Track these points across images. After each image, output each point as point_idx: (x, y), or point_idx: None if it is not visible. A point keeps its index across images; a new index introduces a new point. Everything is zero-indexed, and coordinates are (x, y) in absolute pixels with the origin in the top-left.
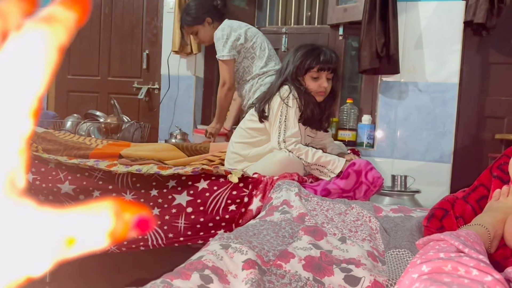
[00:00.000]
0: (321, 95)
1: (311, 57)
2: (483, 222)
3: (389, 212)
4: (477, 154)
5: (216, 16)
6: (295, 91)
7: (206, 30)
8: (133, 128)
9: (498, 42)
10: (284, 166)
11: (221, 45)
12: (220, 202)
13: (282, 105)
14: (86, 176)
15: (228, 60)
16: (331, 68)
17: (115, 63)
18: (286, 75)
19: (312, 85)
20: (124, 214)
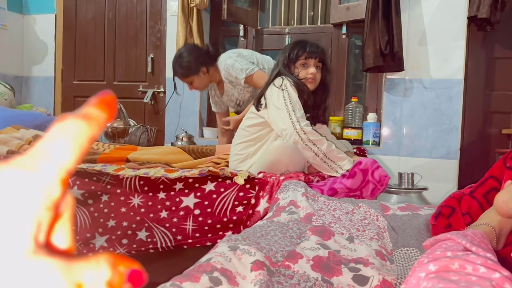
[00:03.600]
0: (311, 82)
1: (298, 46)
2: (489, 220)
3: (397, 210)
4: (484, 149)
5: (210, 63)
6: (289, 78)
7: (201, 79)
8: (139, 132)
9: (503, 36)
10: (281, 152)
11: (240, 64)
12: (227, 203)
13: (282, 92)
14: (94, 180)
15: (257, 70)
16: (317, 56)
17: (120, 68)
18: (279, 68)
19: (302, 72)
20: (119, 266)
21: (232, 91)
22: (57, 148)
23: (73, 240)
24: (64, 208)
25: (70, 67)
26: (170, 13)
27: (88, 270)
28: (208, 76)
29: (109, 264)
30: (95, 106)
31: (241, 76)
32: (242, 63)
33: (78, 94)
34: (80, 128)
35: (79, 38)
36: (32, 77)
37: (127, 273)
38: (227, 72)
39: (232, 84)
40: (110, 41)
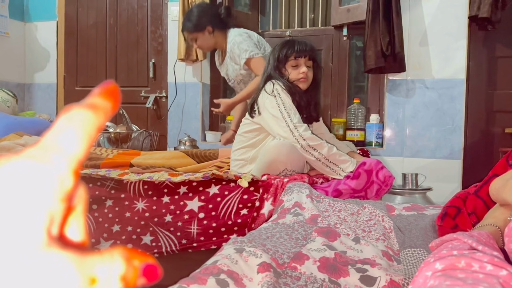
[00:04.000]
0: (303, 82)
1: (287, 46)
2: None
3: (402, 210)
4: (487, 149)
5: (218, 25)
6: (280, 82)
7: (205, 38)
8: (142, 137)
9: (504, 35)
10: (278, 150)
11: (246, 45)
12: (231, 206)
13: (275, 98)
14: (99, 185)
15: (260, 56)
16: (307, 55)
17: (122, 73)
18: (269, 71)
19: (293, 73)
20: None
21: (228, 65)
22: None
23: (87, 233)
24: (77, 201)
25: (72, 74)
26: (171, 18)
27: (102, 264)
28: (213, 38)
29: (124, 258)
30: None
31: (243, 56)
32: (249, 44)
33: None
34: (87, 117)
35: (80, 44)
36: (35, 84)
37: (142, 267)
38: (232, 48)
39: (232, 60)
40: (111, 46)
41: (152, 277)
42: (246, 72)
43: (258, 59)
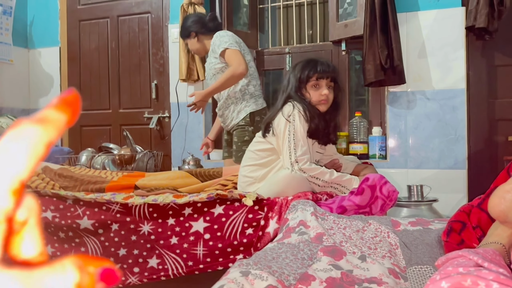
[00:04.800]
0: (323, 103)
1: (309, 67)
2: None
3: (407, 225)
4: (491, 157)
5: (203, 30)
6: (300, 105)
7: (192, 43)
8: (146, 158)
9: (502, 44)
10: (287, 183)
11: (227, 38)
12: (237, 226)
13: (289, 124)
14: (104, 210)
15: (237, 49)
16: (329, 76)
17: (125, 95)
18: (289, 91)
19: (314, 94)
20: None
21: (208, 61)
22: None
23: (43, 245)
24: (28, 214)
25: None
26: (172, 40)
27: (54, 276)
28: (199, 42)
29: (76, 267)
30: (55, 107)
31: (222, 46)
32: (230, 39)
33: (85, 123)
34: (35, 133)
35: (83, 68)
36: (39, 109)
37: (98, 272)
38: (214, 40)
39: (212, 53)
40: (114, 70)
41: (110, 280)
42: (220, 66)
43: (234, 51)
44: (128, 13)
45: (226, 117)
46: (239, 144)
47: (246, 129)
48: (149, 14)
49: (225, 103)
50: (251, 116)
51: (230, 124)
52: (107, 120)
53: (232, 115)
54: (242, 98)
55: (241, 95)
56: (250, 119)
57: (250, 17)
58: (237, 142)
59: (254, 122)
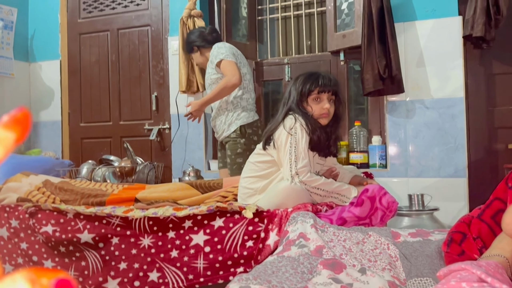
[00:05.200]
0: (324, 117)
1: (310, 81)
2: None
3: (407, 236)
4: (492, 165)
5: (203, 43)
6: (301, 118)
7: (196, 57)
8: (147, 169)
9: (500, 52)
10: (287, 195)
11: (224, 50)
12: (237, 239)
13: (290, 137)
14: (104, 223)
15: (233, 61)
16: (331, 90)
17: (126, 108)
18: (290, 104)
19: (315, 108)
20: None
21: (207, 71)
22: None
23: None
24: None
25: (77, 110)
26: (172, 52)
27: None
28: (202, 55)
29: (28, 280)
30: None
31: (218, 57)
32: (227, 50)
33: (85, 136)
34: None
35: (84, 81)
36: (40, 122)
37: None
38: (212, 51)
39: (210, 64)
40: (114, 82)
41: None
42: (215, 77)
43: (229, 62)
44: (128, 26)
45: (218, 128)
46: (232, 157)
47: (238, 141)
48: (149, 27)
49: (216, 113)
50: (241, 128)
51: (222, 135)
52: (108, 132)
53: (223, 127)
54: (233, 109)
55: (233, 107)
56: (241, 131)
57: (249, 29)
58: (231, 155)
59: (246, 134)
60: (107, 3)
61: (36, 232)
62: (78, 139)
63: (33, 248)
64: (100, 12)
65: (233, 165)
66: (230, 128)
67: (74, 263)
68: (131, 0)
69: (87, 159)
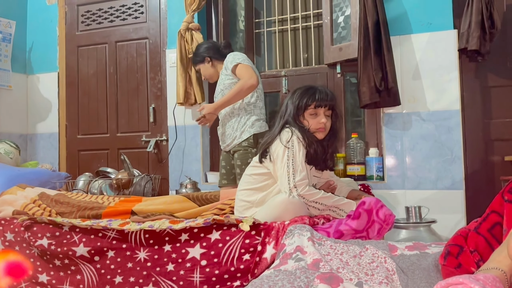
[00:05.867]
0: (321, 131)
1: (307, 95)
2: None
3: (405, 250)
4: (488, 178)
5: (216, 55)
6: (298, 131)
7: (206, 67)
8: (144, 181)
9: (495, 65)
10: (285, 208)
11: (241, 55)
12: (233, 252)
13: (287, 150)
14: (100, 236)
15: (249, 65)
16: (327, 105)
17: (123, 119)
18: (287, 117)
19: (311, 122)
20: None
21: (219, 81)
22: None
23: None
24: None
25: (74, 122)
26: (170, 65)
27: None
28: (213, 67)
29: None
30: None
31: (235, 61)
32: (243, 56)
33: (82, 148)
34: None
35: (81, 93)
36: (37, 134)
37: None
38: (227, 58)
39: (225, 70)
40: (112, 94)
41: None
42: (229, 82)
43: (246, 65)
44: (126, 38)
45: (228, 135)
46: (243, 167)
47: (249, 151)
48: (147, 39)
49: (226, 119)
50: (254, 137)
51: (232, 143)
52: (105, 144)
53: (235, 134)
54: (246, 115)
55: (246, 113)
56: (254, 140)
57: (246, 41)
58: (241, 165)
59: (257, 144)
60: (106, 16)
61: (31, 245)
62: (75, 151)
63: (27, 261)
64: (98, 25)
65: None
66: (242, 135)
67: (69, 277)
68: (129, 13)
69: (84, 171)
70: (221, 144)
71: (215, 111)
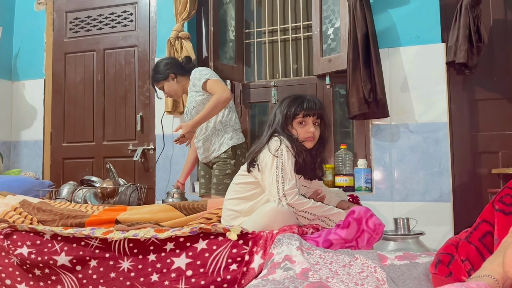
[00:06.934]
0: (310, 140)
1: (296, 104)
2: (491, 272)
3: (394, 260)
4: (476, 190)
5: (180, 71)
6: (287, 140)
7: (170, 84)
8: (129, 191)
9: (482, 79)
10: (273, 217)
11: (207, 71)
12: (220, 261)
13: (276, 159)
14: (83, 245)
15: (218, 79)
16: (316, 113)
17: (110, 128)
18: (275, 126)
19: (300, 131)
20: None
21: (189, 97)
22: None
23: None
24: None
25: (59, 130)
26: None
27: None
28: (177, 83)
29: None
30: None
31: (203, 78)
32: (209, 71)
33: (67, 156)
34: None
35: (68, 100)
36: (21, 141)
37: None
38: (194, 75)
39: (192, 87)
40: (99, 102)
41: None
42: (201, 98)
43: (216, 80)
44: (115, 46)
45: (206, 149)
46: (220, 177)
47: (228, 162)
48: (136, 47)
49: (208, 134)
50: (233, 149)
51: (211, 156)
52: (90, 152)
53: (214, 147)
54: (223, 130)
55: (222, 126)
56: (232, 152)
57: (236, 52)
58: (219, 175)
59: (236, 156)
60: (94, 24)
61: (10, 254)
62: (59, 159)
63: (6, 271)
64: (86, 32)
65: (219, 186)
66: (221, 148)
67: (49, 287)
68: (118, 21)
69: (69, 180)
70: (199, 156)
71: (193, 129)
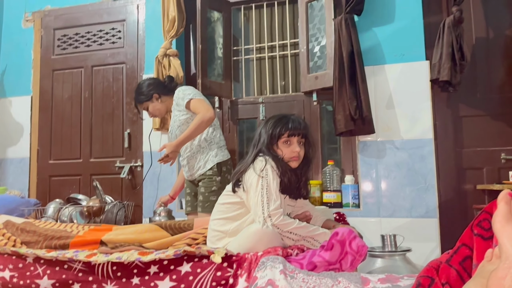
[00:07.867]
0: (294, 160)
1: (281, 124)
2: None
3: (377, 283)
4: (462, 206)
5: (163, 91)
6: (272, 160)
7: (155, 105)
8: (116, 209)
9: (466, 96)
10: (258, 238)
11: (190, 90)
12: (204, 285)
13: (261, 179)
14: (65, 268)
15: (202, 98)
16: (300, 133)
17: (97, 145)
18: (260, 146)
19: (285, 151)
20: None
21: (172, 116)
22: None
23: None
24: None
25: (46, 147)
26: None
27: None
28: (161, 103)
29: None
30: None
31: (186, 98)
32: (193, 91)
33: (54, 173)
34: None
35: (55, 117)
36: (7, 159)
37: None
38: (177, 94)
39: (176, 107)
40: (86, 119)
41: None
42: (185, 117)
43: (199, 100)
44: (103, 63)
45: (191, 167)
46: (206, 195)
47: (214, 179)
48: (124, 64)
49: (191, 153)
50: (218, 166)
51: (196, 173)
52: (77, 169)
53: (199, 165)
54: (208, 147)
55: (207, 144)
56: (217, 169)
57: (224, 68)
58: (204, 192)
59: (221, 172)
60: (82, 41)
61: None
62: (46, 176)
63: None
64: (74, 49)
65: (206, 203)
66: (206, 165)
67: None
68: (106, 38)
69: (55, 198)
70: (185, 174)
71: (177, 148)
